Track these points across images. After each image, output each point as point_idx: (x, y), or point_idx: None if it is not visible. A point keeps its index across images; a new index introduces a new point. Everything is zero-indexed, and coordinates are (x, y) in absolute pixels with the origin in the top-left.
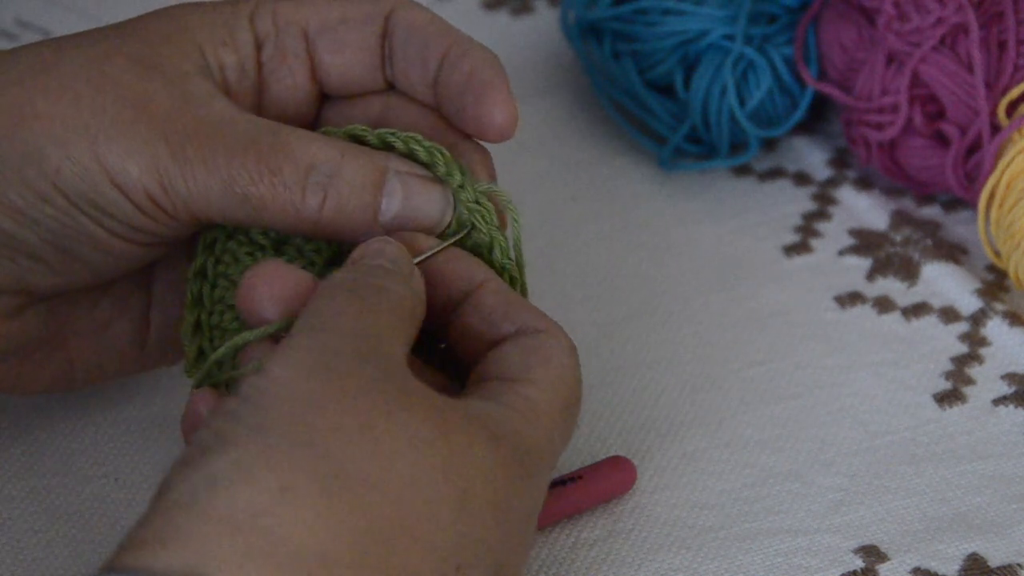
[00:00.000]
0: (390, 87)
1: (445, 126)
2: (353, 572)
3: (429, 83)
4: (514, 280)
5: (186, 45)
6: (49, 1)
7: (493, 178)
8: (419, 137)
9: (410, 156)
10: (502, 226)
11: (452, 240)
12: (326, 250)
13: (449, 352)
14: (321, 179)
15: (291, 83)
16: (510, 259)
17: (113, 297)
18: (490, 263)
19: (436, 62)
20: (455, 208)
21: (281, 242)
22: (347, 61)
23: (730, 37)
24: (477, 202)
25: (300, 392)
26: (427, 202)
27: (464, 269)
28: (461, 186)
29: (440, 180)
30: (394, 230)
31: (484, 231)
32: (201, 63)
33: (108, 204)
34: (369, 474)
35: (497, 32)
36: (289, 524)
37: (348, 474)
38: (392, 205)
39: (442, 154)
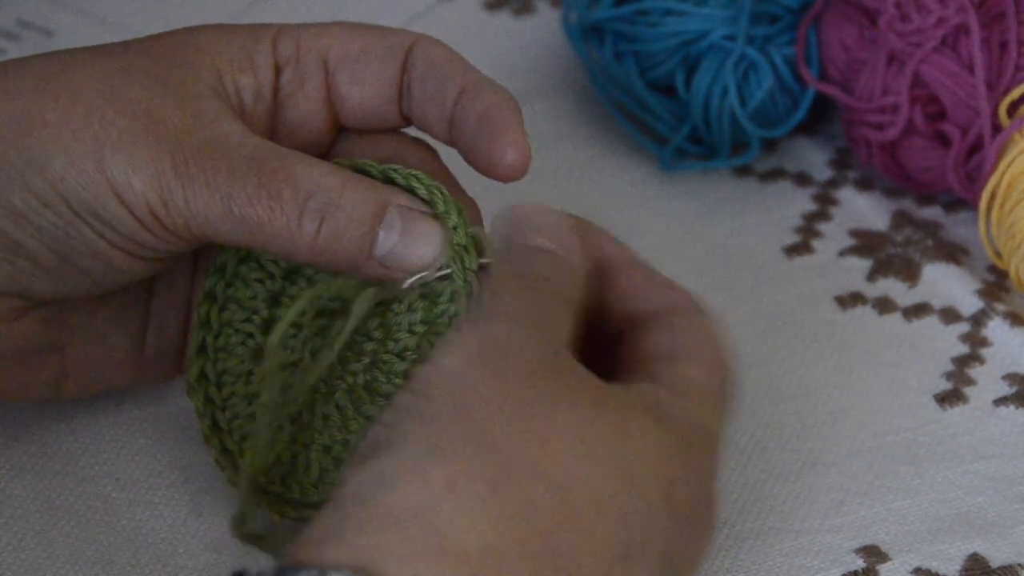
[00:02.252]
0: (407, 122)
1: (446, 174)
2: (518, 565)
3: (445, 120)
4: None
5: (203, 67)
6: (51, 1)
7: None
8: (420, 174)
9: (410, 192)
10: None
11: (433, 277)
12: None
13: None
14: (319, 206)
15: (306, 109)
16: None
17: (112, 309)
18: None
19: (453, 99)
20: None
21: (292, 271)
22: (365, 93)
23: (731, 37)
24: (465, 247)
25: (464, 381)
26: (425, 239)
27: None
28: (455, 227)
29: (439, 218)
30: (389, 264)
31: (459, 277)
32: (217, 85)
33: (110, 215)
34: (534, 465)
35: (499, 33)
36: (455, 520)
37: (512, 466)
38: (389, 238)
39: (441, 192)
